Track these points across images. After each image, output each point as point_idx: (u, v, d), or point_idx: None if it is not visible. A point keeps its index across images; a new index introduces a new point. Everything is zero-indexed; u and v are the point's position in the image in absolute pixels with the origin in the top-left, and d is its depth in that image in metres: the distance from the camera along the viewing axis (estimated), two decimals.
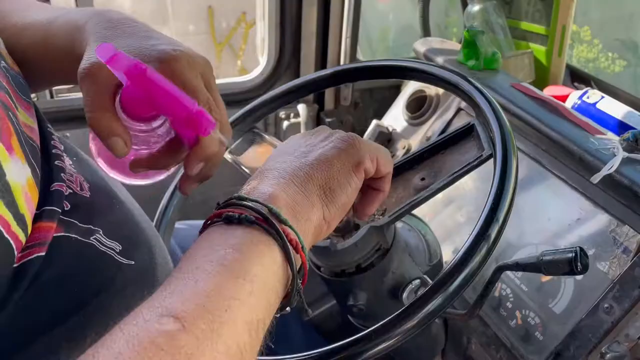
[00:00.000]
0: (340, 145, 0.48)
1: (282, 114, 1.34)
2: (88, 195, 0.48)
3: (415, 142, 1.18)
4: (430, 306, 0.51)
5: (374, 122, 1.24)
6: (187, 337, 0.31)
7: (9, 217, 0.38)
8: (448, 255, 0.95)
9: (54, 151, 0.47)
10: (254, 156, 0.78)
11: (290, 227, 0.41)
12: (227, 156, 0.78)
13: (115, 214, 0.50)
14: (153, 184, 0.78)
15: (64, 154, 0.48)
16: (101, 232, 0.46)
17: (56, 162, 0.46)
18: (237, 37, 3.43)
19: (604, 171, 0.78)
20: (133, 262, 0.47)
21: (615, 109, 1.01)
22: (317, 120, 1.41)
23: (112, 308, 0.44)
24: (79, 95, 1.14)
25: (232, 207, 0.42)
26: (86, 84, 0.46)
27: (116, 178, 0.53)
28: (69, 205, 0.44)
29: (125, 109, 0.45)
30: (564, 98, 1.08)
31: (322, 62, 1.36)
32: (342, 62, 1.34)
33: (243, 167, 0.76)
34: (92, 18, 0.51)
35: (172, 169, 0.53)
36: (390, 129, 1.23)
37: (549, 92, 1.11)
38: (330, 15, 1.30)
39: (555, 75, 1.25)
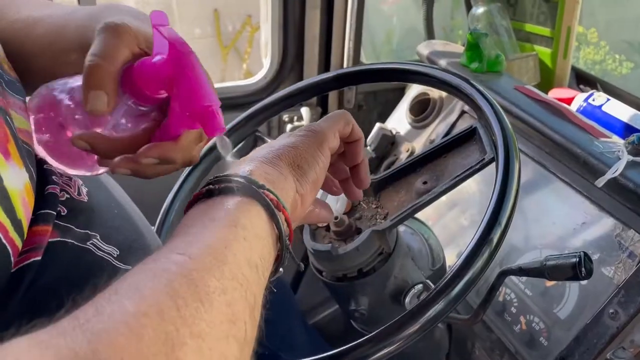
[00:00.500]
0: (300, 134, 0.51)
1: (285, 117, 1.34)
2: (86, 200, 0.47)
3: (419, 145, 1.17)
4: (433, 311, 0.51)
5: (378, 125, 1.24)
6: (195, 264, 0.34)
7: (7, 223, 0.37)
8: (451, 259, 0.94)
9: None
10: None
11: (268, 189, 0.43)
12: (229, 159, 0.78)
13: (114, 218, 0.50)
14: (155, 188, 0.78)
15: None
16: (98, 237, 0.46)
17: (45, 166, 0.46)
18: (242, 40, 3.44)
19: (609, 175, 0.78)
20: (130, 267, 0.47)
21: (621, 111, 1.00)
22: None
23: None
24: None
25: (211, 185, 0.43)
26: (107, 35, 0.43)
27: (58, 167, 0.47)
28: (66, 210, 0.44)
29: (134, 81, 0.43)
30: (569, 101, 1.08)
31: (325, 65, 1.36)
32: (345, 65, 1.33)
33: None
34: (107, 8, 0.50)
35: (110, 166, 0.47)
36: (394, 132, 1.23)
37: (554, 94, 1.10)
38: (333, 18, 1.30)
39: (561, 77, 1.24)
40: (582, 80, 1.30)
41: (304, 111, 1.34)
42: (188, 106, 0.42)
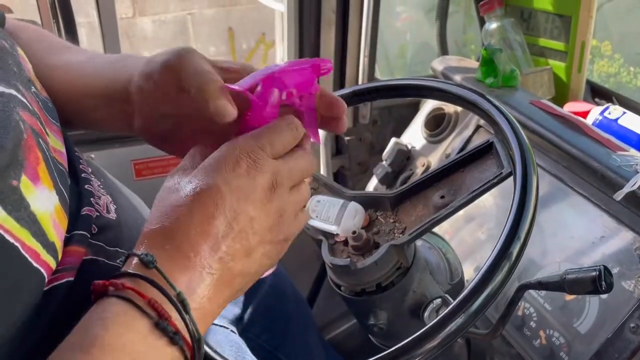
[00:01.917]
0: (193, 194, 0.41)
1: None
2: (114, 217, 0.48)
3: (435, 159, 1.18)
4: (452, 326, 0.51)
5: (393, 140, 1.24)
6: None
7: (37, 247, 0.38)
8: (469, 273, 0.94)
9: (82, 175, 0.48)
10: None
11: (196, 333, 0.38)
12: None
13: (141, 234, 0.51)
14: None
15: (92, 176, 0.49)
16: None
17: (86, 186, 0.47)
18: (257, 57, 3.49)
19: (627, 188, 0.77)
20: None
21: (638, 124, 0.99)
22: (336, 138, 1.41)
23: None
24: None
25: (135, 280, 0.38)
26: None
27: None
28: (96, 229, 0.45)
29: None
30: (584, 114, 1.08)
31: (340, 82, 1.37)
32: (360, 82, 1.35)
33: None
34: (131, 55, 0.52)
35: None
36: (409, 147, 1.23)
37: (569, 108, 1.10)
38: (348, 36, 1.31)
39: (576, 91, 1.24)
40: (597, 93, 1.30)
41: None
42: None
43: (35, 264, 0.38)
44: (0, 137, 0.39)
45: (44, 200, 0.40)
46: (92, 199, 0.46)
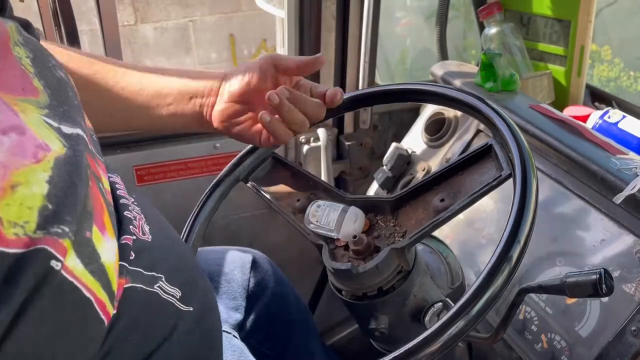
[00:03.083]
0: None
1: (302, 138, 1.36)
2: (150, 240, 0.48)
3: (435, 164, 1.18)
4: (453, 329, 0.51)
5: (393, 144, 1.25)
6: None
7: (105, 298, 0.38)
8: (470, 277, 0.94)
9: (121, 201, 0.47)
10: (274, 181, 0.79)
11: None
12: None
13: (175, 255, 0.50)
14: (176, 209, 0.81)
15: (129, 199, 0.48)
16: (163, 279, 0.46)
17: (125, 213, 0.46)
18: None
19: (627, 191, 0.77)
20: (192, 309, 0.48)
21: (638, 128, 1.00)
22: (336, 143, 1.42)
23: (173, 356, 0.45)
24: None
25: None
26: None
27: None
28: (134, 254, 0.44)
29: None
30: (584, 118, 1.08)
31: (341, 87, 1.38)
32: (360, 87, 1.35)
33: (263, 192, 0.78)
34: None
35: None
36: (410, 152, 1.24)
37: (569, 112, 1.11)
38: (348, 41, 1.32)
39: (575, 95, 1.24)
40: (597, 97, 1.30)
41: (321, 132, 1.35)
42: None
43: (102, 315, 0.38)
44: (77, 187, 0.38)
45: (110, 250, 0.40)
46: (131, 226, 0.45)
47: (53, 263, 0.35)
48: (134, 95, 0.70)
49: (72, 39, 1.09)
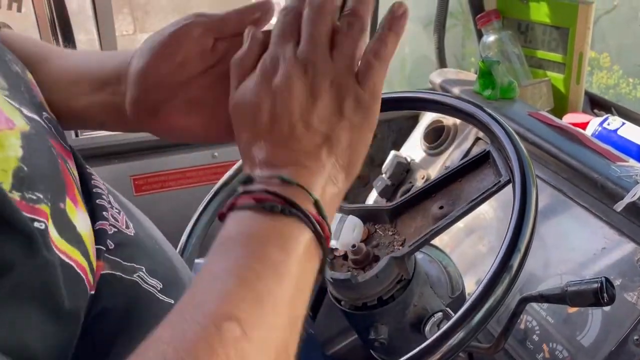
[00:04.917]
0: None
1: None
2: (132, 234, 0.48)
3: (434, 172, 1.18)
4: (454, 340, 0.50)
5: (392, 152, 1.24)
6: (249, 346, 0.33)
7: (86, 266, 0.39)
8: (471, 286, 0.93)
9: (94, 190, 0.47)
10: None
11: (324, 218, 0.41)
12: None
13: (157, 252, 0.50)
14: (173, 219, 0.80)
15: (104, 192, 0.49)
16: (144, 270, 0.46)
17: (97, 201, 0.46)
18: None
19: (628, 199, 0.77)
20: (173, 302, 0.47)
21: (637, 135, 0.99)
22: None
23: None
24: (103, 133, 1.17)
25: (260, 191, 0.40)
26: None
27: None
28: (113, 245, 0.44)
29: None
30: (584, 125, 1.08)
31: None
32: None
33: None
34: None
35: None
36: (409, 160, 1.23)
37: (568, 119, 1.10)
38: None
39: (574, 102, 1.24)
40: (596, 104, 1.30)
41: None
42: None
43: (87, 284, 0.38)
44: (47, 161, 0.39)
45: (84, 221, 0.41)
46: (104, 212, 0.46)
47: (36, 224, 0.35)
48: (53, 84, 0.54)
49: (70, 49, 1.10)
